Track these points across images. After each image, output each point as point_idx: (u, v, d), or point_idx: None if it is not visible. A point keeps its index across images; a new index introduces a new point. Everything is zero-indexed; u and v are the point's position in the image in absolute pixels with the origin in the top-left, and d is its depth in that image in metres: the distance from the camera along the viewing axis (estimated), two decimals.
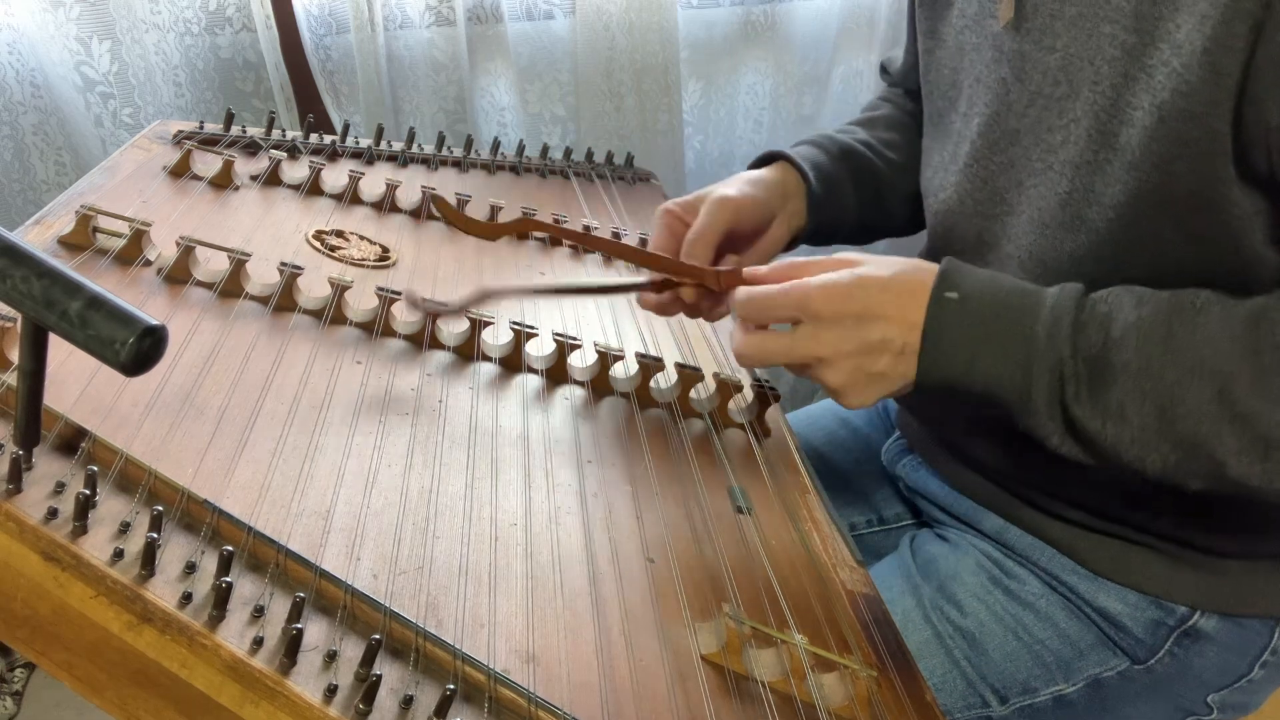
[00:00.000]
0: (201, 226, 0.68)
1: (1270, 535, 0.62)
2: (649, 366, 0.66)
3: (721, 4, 1.33)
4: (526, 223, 0.62)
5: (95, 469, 0.41)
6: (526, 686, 0.41)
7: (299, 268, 0.63)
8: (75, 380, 0.49)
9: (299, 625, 0.38)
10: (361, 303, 0.64)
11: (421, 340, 0.64)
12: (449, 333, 0.65)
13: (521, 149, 1.02)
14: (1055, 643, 0.66)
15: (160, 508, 0.41)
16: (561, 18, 1.26)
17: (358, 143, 0.91)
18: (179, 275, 0.61)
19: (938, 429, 0.75)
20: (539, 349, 0.66)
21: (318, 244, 0.72)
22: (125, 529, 0.41)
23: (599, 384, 0.66)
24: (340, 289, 0.63)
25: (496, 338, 0.67)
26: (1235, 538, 0.62)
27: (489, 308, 0.64)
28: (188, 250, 0.61)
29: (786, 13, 1.36)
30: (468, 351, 0.65)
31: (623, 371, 0.67)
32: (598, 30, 1.24)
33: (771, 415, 0.69)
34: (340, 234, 0.75)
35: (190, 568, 0.40)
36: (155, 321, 0.33)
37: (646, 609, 0.49)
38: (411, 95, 1.25)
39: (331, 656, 0.39)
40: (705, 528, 0.56)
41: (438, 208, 0.62)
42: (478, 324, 0.65)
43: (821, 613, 0.53)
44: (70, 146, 1.16)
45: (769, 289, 0.55)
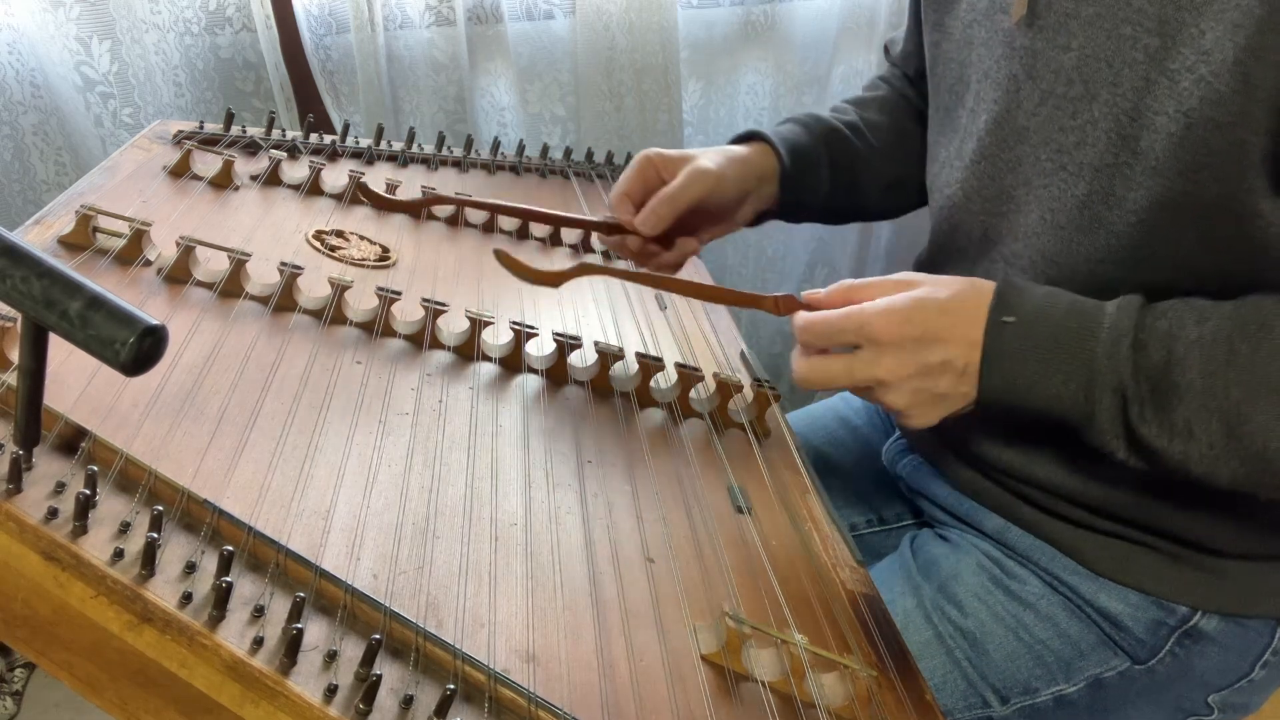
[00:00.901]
0: (201, 226, 0.68)
1: (1271, 535, 0.62)
2: (649, 366, 0.66)
3: (721, 4, 1.33)
4: (585, 268, 0.64)
5: (95, 469, 0.41)
6: (526, 686, 0.41)
7: (299, 268, 0.63)
8: (75, 380, 0.49)
9: (299, 625, 0.38)
10: (361, 303, 0.64)
11: (421, 340, 0.64)
12: (449, 333, 0.65)
13: (521, 149, 1.02)
14: (1056, 643, 0.66)
15: (160, 508, 0.41)
16: (561, 18, 1.26)
17: (358, 143, 0.91)
18: (179, 275, 0.61)
19: (938, 429, 0.75)
20: (539, 349, 0.66)
21: (318, 244, 0.72)
22: (125, 529, 0.41)
23: (599, 384, 0.66)
24: (340, 289, 0.63)
25: (497, 337, 0.67)
26: (1236, 538, 0.61)
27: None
28: (188, 250, 0.61)
29: (786, 12, 1.36)
30: (468, 351, 0.65)
31: (623, 371, 0.67)
32: (598, 30, 1.24)
33: (771, 415, 0.69)
34: (340, 234, 0.75)
35: (190, 568, 0.40)
36: (155, 321, 0.33)
37: (646, 609, 0.48)
38: (411, 95, 1.25)
39: (332, 656, 0.39)
40: (705, 528, 0.56)
41: (501, 260, 0.63)
42: (478, 324, 0.65)
43: (821, 613, 0.53)
44: (70, 146, 1.16)
45: (829, 314, 0.55)
